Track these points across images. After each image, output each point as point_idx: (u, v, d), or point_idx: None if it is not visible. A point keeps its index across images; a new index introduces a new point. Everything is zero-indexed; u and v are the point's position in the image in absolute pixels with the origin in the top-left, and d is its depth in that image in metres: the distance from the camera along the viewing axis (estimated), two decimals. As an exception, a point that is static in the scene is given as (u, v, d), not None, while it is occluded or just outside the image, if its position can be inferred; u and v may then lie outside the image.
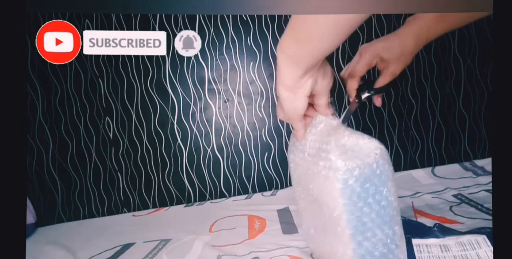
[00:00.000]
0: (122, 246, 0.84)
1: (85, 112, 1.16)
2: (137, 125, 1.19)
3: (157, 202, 1.22)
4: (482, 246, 0.53)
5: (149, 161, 1.21)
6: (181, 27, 1.17)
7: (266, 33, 1.22)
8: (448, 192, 0.93)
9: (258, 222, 0.89)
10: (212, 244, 0.78)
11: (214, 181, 1.24)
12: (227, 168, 1.24)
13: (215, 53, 1.20)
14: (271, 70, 1.23)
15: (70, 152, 1.16)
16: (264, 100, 1.24)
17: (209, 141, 1.23)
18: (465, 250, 0.53)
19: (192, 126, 1.21)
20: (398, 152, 1.27)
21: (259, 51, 1.22)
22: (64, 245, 0.88)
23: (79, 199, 1.19)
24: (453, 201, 0.86)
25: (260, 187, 1.26)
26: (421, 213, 0.80)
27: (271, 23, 1.21)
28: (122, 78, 1.17)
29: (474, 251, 0.53)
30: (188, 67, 1.19)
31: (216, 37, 1.20)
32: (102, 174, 1.19)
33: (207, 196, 1.24)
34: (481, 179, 1.02)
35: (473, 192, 0.91)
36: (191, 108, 1.20)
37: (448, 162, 1.23)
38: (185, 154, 1.22)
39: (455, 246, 0.55)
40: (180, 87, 1.19)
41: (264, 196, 1.14)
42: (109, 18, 1.14)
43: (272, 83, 1.23)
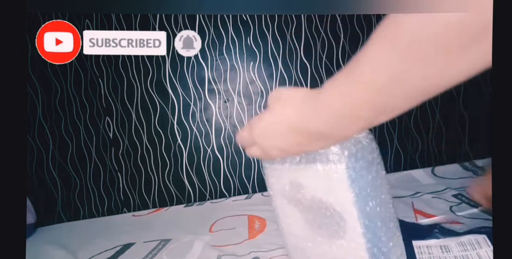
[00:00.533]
0: (122, 246, 0.84)
1: (85, 112, 1.16)
2: (137, 125, 1.19)
3: (157, 202, 1.22)
4: (482, 246, 0.53)
5: (149, 161, 1.21)
6: (181, 27, 1.17)
7: (266, 33, 1.22)
8: (448, 192, 0.93)
9: (258, 222, 0.89)
10: (212, 244, 0.78)
11: (214, 181, 1.24)
12: (227, 168, 1.24)
13: (215, 53, 1.20)
14: (271, 70, 1.23)
15: (70, 152, 1.16)
16: (264, 100, 1.24)
17: (209, 141, 1.23)
18: (466, 251, 0.53)
19: (192, 126, 1.21)
20: (398, 152, 1.27)
21: (259, 51, 1.22)
22: (64, 245, 0.88)
23: (79, 199, 1.19)
24: (453, 201, 0.86)
25: (260, 187, 1.26)
26: (421, 213, 0.80)
27: (271, 23, 1.21)
28: (122, 78, 1.17)
29: (474, 251, 0.53)
30: (188, 67, 1.19)
31: (216, 37, 1.20)
32: (102, 174, 1.19)
33: (207, 196, 1.24)
34: (481, 179, 1.02)
35: (473, 192, 0.91)
36: (191, 108, 1.20)
37: (448, 162, 1.23)
38: (185, 154, 1.22)
39: (455, 246, 0.54)
40: (180, 87, 1.19)
41: (264, 196, 1.14)
42: (109, 18, 1.14)
43: (272, 83, 1.23)
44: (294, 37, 1.23)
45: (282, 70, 1.24)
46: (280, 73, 1.24)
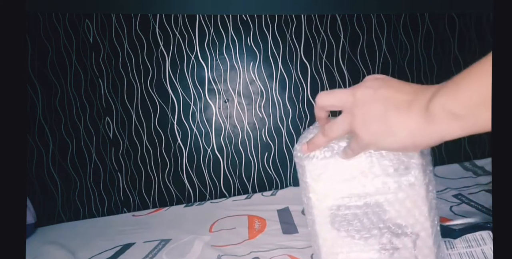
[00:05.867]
0: (122, 246, 0.84)
1: (85, 112, 1.16)
2: (137, 125, 1.19)
3: (157, 202, 1.22)
4: (487, 242, 0.52)
5: (149, 161, 1.21)
6: (181, 27, 1.17)
7: (266, 33, 1.22)
8: (448, 192, 0.93)
9: (258, 222, 0.89)
10: (212, 244, 0.78)
11: (214, 181, 1.24)
12: (227, 168, 1.24)
13: (215, 53, 1.20)
14: (271, 70, 1.23)
15: (70, 152, 1.16)
16: (264, 100, 1.24)
17: (209, 141, 1.23)
18: (470, 247, 0.53)
19: (192, 126, 1.21)
20: (398, 152, 1.27)
21: (259, 51, 1.22)
22: (64, 245, 0.88)
23: (79, 199, 1.19)
24: (453, 201, 0.86)
25: (260, 187, 1.26)
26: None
27: (271, 23, 1.21)
28: (122, 78, 1.17)
29: (479, 248, 0.52)
30: (188, 67, 1.19)
31: (216, 37, 1.20)
32: (102, 174, 1.19)
33: (207, 196, 1.24)
34: (481, 179, 1.02)
35: (473, 192, 0.91)
36: (191, 108, 1.20)
37: (448, 162, 1.23)
38: (185, 154, 1.22)
39: (460, 242, 0.54)
40: (180, 87, 1.19)
41: (264, 196, 1.14)
42: (109, 18, 1.14)
43: (272, 83, 1.23)
44: (294, 37, 1.23)
45: (282, 70, 1.24)
46: (280, 73, 1.24)
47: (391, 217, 0.43)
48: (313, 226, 0.48)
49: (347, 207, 0.44)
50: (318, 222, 0.46)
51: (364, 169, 0.42)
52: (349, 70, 1.27)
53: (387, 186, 0.42)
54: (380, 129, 0.35)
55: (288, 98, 1.25)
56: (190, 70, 1.19)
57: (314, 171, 0.44)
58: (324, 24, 1.24)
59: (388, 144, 0.36)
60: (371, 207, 0.43)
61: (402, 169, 0.42)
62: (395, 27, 1.29)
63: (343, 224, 0.45)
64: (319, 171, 0.44)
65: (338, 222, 0.45)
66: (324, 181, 0.44)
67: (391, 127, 0.34)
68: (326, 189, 0.44)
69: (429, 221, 0.43)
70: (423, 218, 0.43)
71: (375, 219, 0.43)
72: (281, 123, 1.25)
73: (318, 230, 0.47)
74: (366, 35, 1.27)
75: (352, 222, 0.44)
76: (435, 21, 1.32)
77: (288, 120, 1.25)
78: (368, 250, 0.45)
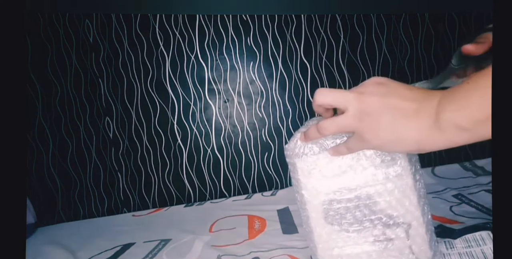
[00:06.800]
0: (122, 246, 0.84)
1: (85, 112, 1.16)
2: (137, 125, 1.19)
3: (157, 202, 1.22)
4: (486, 242, 0.52)
5: (149, 161, 1.21)
6: (181, 27, 1.17)
7: (266, 33, 1.22)
8: (448, 192, 0.93)
9: (258, 222, 0.89)
10: (212, 244, 0.78)
11: (214, 181, 1.24)
12: (227, 168, 1.24)
13: (215, 53, 1.20)
14: (271, 70, 1.23)
15: (70, 152, 1.16)
16: (264, 100, 1.24)
17: (209, 141, 1.23)
18: (470, 247, 0.53)
19: (192, 126, 1.21)
20: (398, 152, 1.27)
21: (259, 51, 1.22)
22: (64, 245, 0.88)
23: (79, 199, 1.19)
24: (453, 201, 0.86)
25: (260, 187, 1.26)
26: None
27: (271, 23, 1.21)
28: (122, 78, 1.16)
29: (479, 248, 0.52)
30: (188, 67, 1.19)
31: (216, 37, 1.20)
32: (102, 174, 1.19)
33: (207, 196, 1.24)
34: (481, 179, 1.02)
35: (473, 192, 0.91)
36: (191, 108, 1.20)
37: (448, 162, 1.23)
38: (185, 154, 1.22)
39: (459, 242, 0.54)
40: (180, 87, 1.19)
41: (264, 196, 1.14)
42: (109, 18, 1.14)
43: (272, 83, 1.23)
44: (294, 37, 1.23)
45: (282, 70, 1.24)
46: (280, 73, 1.24)
47: (382, 208, 0.44)
48: (307, 223, 0.49)
49: (339, 201, 0.45)
50: (312, 218, 0.47)
51: (352, 162, 0.43)
52: (349, 70, 1.27)
53: (376, 178, 0.44)
54: (389, 138, 0.36)
55: (288, 98, 1.25)
56: (190, 70, 1.19)
57: (305, 167, 0.45)
58: (324, 24, 1.24)
59: (395, 149, 0.38)
60: (362, 199, 0.44)
61: (389, 160, 0.43)
62: (395, 27, 1.29)
63: (336, 218, 0.46)
64: (309, 168, 0.45)
65: (332, 217, 0.46)
66: (314, 177, 0.45)
67: (400, 136, 0.35)
68: (318, 185, 0.46)
69: (419, 210, 0.45)
70: (413, 208, 0.44)
71: (366, 211, 0.44)
72: (281, 123, 1.25)
73: (313, 226, 0.47)
74: (366, 35, 1.27)
75: (344, 215, 0.45)
76: (435, 21, 1.32)
77: (288, 120, 1.26)
78: (362, 242, 0.46)
